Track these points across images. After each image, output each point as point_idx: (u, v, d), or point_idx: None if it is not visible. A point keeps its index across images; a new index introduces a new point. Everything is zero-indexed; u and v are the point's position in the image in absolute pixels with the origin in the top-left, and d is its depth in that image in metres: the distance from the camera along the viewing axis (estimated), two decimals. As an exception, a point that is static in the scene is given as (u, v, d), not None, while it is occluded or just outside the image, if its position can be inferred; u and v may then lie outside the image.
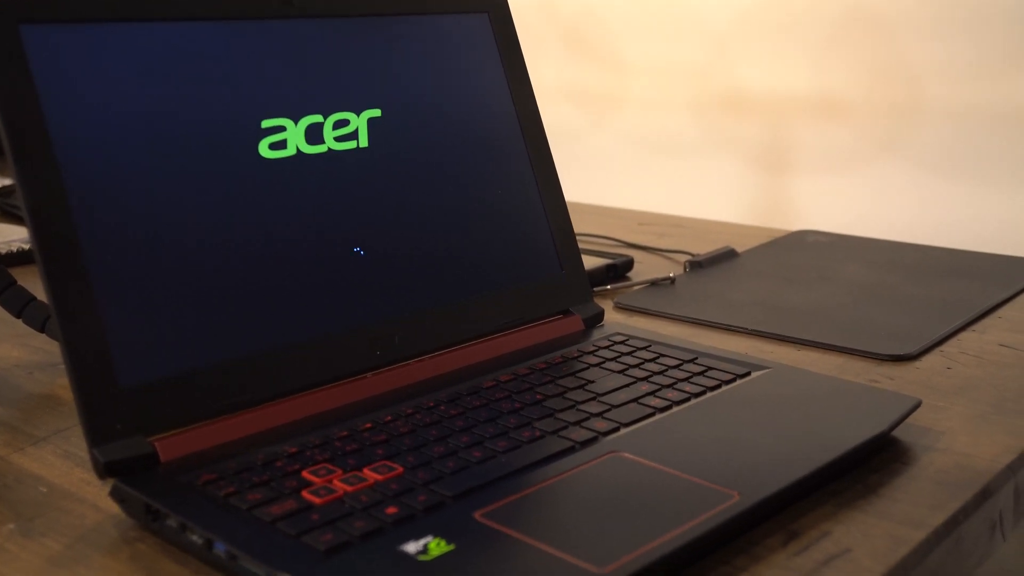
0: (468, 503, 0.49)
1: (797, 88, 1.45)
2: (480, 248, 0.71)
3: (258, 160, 0.62)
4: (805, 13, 1.41)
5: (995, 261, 0.98)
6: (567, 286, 0.75)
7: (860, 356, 0.74)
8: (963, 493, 0.54)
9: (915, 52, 1.32)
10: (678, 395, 0.62)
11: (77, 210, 0.54)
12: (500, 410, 0.60)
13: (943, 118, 1.32)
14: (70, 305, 0.53)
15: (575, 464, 0.54)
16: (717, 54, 1.51)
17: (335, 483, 0.51)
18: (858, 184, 1.41)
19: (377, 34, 0.69)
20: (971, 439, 0.60)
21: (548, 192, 0.76)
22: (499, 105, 0.75)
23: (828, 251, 1.03)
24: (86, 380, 0.52)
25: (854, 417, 0.59)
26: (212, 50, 0.62)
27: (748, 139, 1.51)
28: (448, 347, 0.68)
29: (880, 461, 0.57)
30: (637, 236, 1.12)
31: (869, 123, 1.39)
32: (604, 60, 1.64)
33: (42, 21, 0.56)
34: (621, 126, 1.64)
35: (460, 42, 0.74)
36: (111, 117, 0.57)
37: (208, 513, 0.49)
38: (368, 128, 0.68)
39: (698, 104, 1.55)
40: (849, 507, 0.52)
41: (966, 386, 0.68)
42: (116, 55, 0.58)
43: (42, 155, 0.54)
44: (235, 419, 0.57)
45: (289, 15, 0.65)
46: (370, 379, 0.63)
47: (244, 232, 0.60)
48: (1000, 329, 0.80)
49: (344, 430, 0.57)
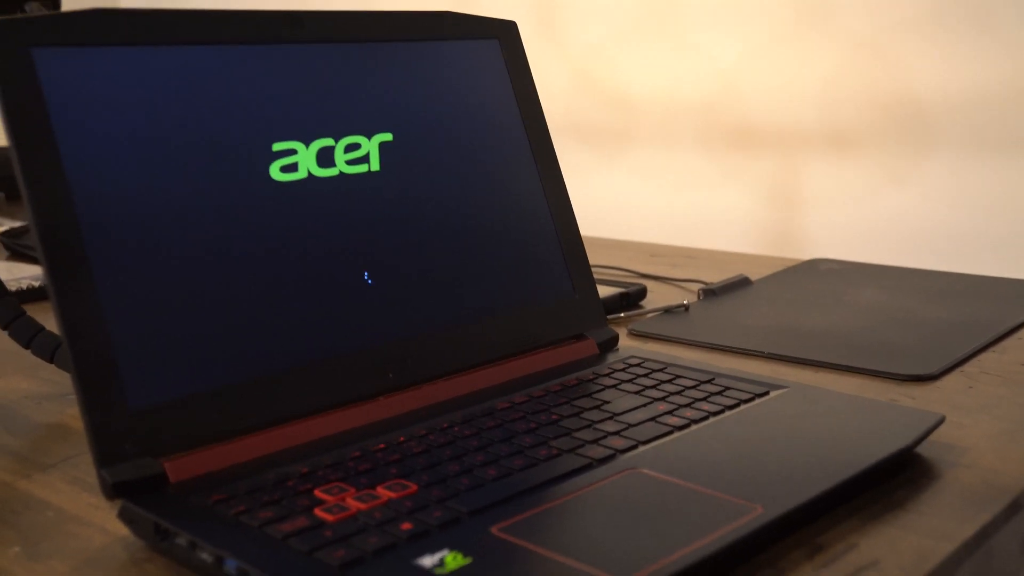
0: (485, 518, 0.48)
1: (805, 122, 1.44)
2: (492, 271, 0.70)
3: (269, 183, 0.62)
4: (812, 48, 1.41)
5: (1012, 285, 0.97)
6: (581, 310, 0.75)
7: (880, 377, 0.73)
8: (991, 507, 0.52)
9: (925, 83, 1.32)
10: (696, 414, 0.61)
11: (88, 231, 0.54)
12: (515, 430, 0.59)
13: (953, 149, 1.31)
14: (80, 324, 0.52)
15: (593, 480, 0.52)
16: (725, 89, 1.51)
17: (348, 501, 0.50)
18: (868, 216, 1.40)
19: (388, 59, 0.69)
20: (997, 455, 0.59)
21: (560, 216, 0.75)
22: (510, 130, 0.75)
23: (843, 277, 1.02)
24: (95, 400, 0.52)
25: (877, 432, 0.58)
26: (223, 74, 0.62)
27: (758, 173, 1.51)
28: (461, 370, 0.67)
29: (905, 477, 0.56)
30: (650, 267, 1.11)
31: (879, 155, 1.39)
32: (613, 97, 1.64)
33: (54, 45, 0.56)
34: (632, 163, 1.64)
35: (471, 68, 0.74)
36: (123, 141, 0.57)
37: (218, 531, 0.48)
38: (379, 152, 0.67)
39: (708, 139, 1.55)
40: (875, 520, 0.51)
41: (989, 404, 0.67)
42: (128, 79, 0.58)
43: (54, 178, 0.54)
44: (245, 440, 0.56)
45: (300, 39, 0.65)
46: (383, 401, 0.62)
47: (255, 254, 0.60)
48: (1021, 350, 0.78)
49: (357, 451, 0.56)
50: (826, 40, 1.40)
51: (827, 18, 1.39)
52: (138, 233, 0.56)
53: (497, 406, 0.63)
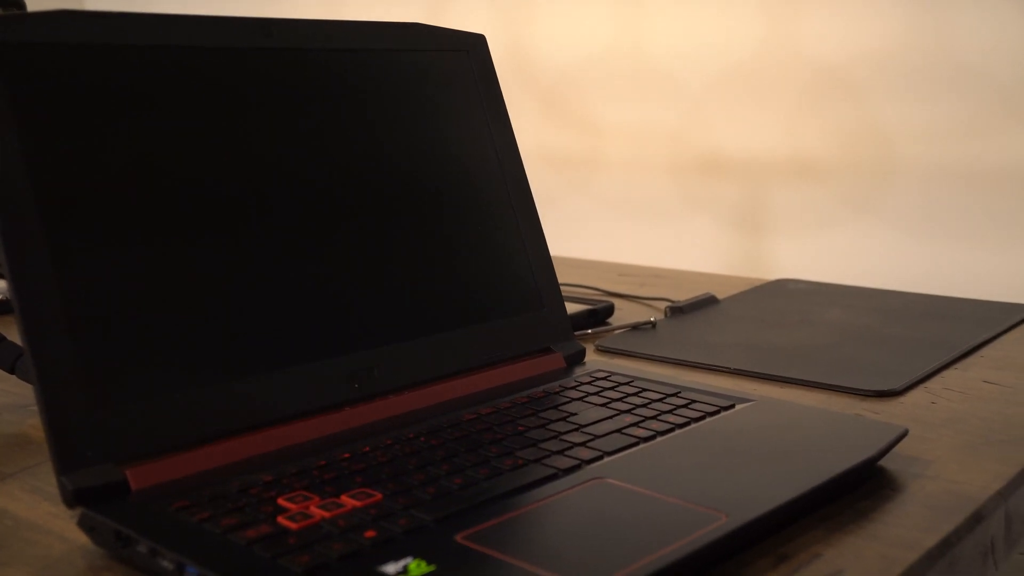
0: (449, 526, 0.48)
1: (773, 150, 1.46)
2: (459, 284, 0.70)
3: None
4: (779, 76, 1.43)
5: (974, 306, 0.98)
6: (548, 324, 0.75)
7: (844, 392, 0.73)
8: (955, 517, 0.53)
9: (887, 114, 1.34)
10: (662, 426, 0.61)
11: (52, 235, 0.53)
12: (481, 440, 0.59)
13: (915, 178, 1.33)
14: (42, 329, 0.51)
15: (559, 490, 0.52)
16: (692, 117, 1.53)
17: (312, 509, 0.49)
18: (833, 243, 1.41)
19: (357, 69, 0.69)
20: (960, 467, 0.59)
21: (528, 229, 0.76)
22: (479, 142, 0.75)
23: (809, 297, 1.03)
24: (56, 405, 0.51)
25: (842, 444, 0.58)
26: (190, 78, 0.61)
27: (725, 200, 1.52)
28: (428, 382, 0.67)
29: (869, 488, 0.56)
30: (617, 285, 1.11)
31: (843, 184, 1.40)
32: (581, 124, 1.65)
33: (20, 44, 0.55)
34: (600, 188, 1.65)
35: (440, 79, 0.74)
36: (88, 143, 0.56)
37: (180, 537, 0.47)
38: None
39: (675, 166, 1.56)
40: (840, 531, 0.51)
41: (952, 418, 0.68)
42: (94, 79, 0.57)
43: (17, 179, 0.53)
44: (209, 449, 0.56)
45: (268, 47, 0.65)
46: (349, 412, 0.62)
47: (221, 261, 0.59)
48: (983, 367, 0.79)
49: (322, 460, 0.56)
50: (792, 70, 1.42)
51: (793, 48, 1.41)
52: (102, 239, 0.55)
53: (463, 417, 0.63)
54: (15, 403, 0.74)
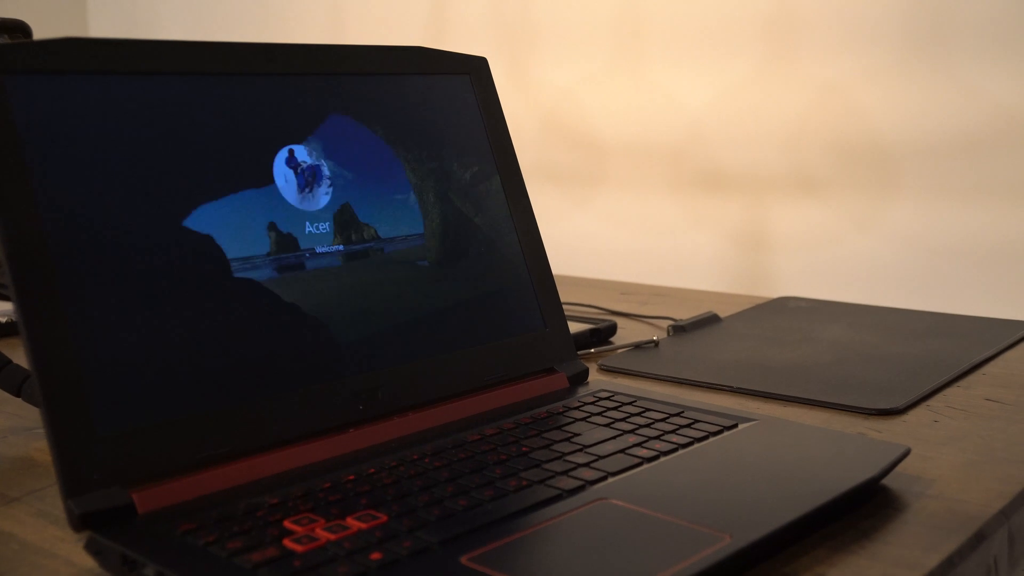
0: (454, 548, 0.48)
1: (773, 167, 1.47)
2: (462, 304, 0.71)
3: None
4: (779, 95, 1.44)
5: (975, 323, 0.98)
6: (551, 344, 0.75)
7: (846, 411, 0.74)
8: (957, 536, 0.53)
9: (886, 130, 1.35)
10: (666, 446, 0.61)
11: (57, 258, 0.54)
12: (486, 461, 0.59)
13: (914, 193, 1.34)
14: (49, 353, 0.52)
15: (563, 511, 0.52)
16: (693, 136, 1.53)
17: (317, 532, 0.50)
18: (834, 260, 1.42)
19: (360, 93, 0.70)
20: (962, 486, 0.60)
21: (530, 250, 0.76)
22: (481, 163, 0.75)
23: (810, 315, 1.03)
24: (63, 429, 0.51)
25: (844, 464, 0.58)
26: (194, 103, 0.62)
27: (727, 217, 1.52)
28: (432, 402, 0.67)
29: (872, 507, 0.56)
30: (620, 304, 1.11)
31: (844, 201, 1.41)
32: (582, 143, 1.66)
33: (25, 72, 0.56)
34: (601, 207, 1.66)
35: (442, 102, 0.75)
36: (93, 170, 0.57)
37: (187, 561, 0.47)
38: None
39: (676, 184, 1.57)
40: (843, 551, 0.51)
41: (954, 437, 0.68)
42: (99, 107, 0.58)
43: (24, 208, 0.53)
44: (215, 471, 0.56)
45: (271, 72, 0.66)
46: (353, 433, 0.62)
47: (227, 282, 0.60)
48: (985, 385, 0.79)
49: (327, 482, 0.56)
50: (793, 85, 1.43)
51: (793, 64, 1.42)
52: (108, 263, 0.56)
53: (468, 438, 0.63)
54: (21, 426, 0.74)
